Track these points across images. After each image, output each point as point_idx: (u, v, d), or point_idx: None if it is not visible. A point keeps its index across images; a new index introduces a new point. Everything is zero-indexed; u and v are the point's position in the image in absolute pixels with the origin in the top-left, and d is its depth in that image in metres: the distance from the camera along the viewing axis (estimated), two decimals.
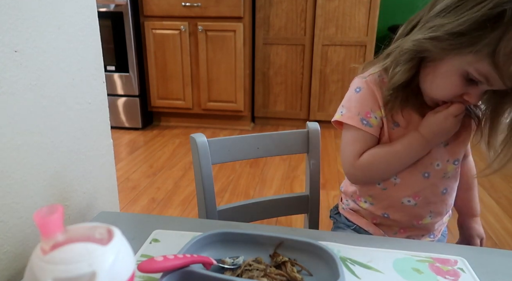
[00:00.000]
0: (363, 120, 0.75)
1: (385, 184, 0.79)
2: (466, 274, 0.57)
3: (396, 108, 0.73)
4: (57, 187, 0.69)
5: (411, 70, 0.67)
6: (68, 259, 0.31)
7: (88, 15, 0.75)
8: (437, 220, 0.83)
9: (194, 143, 0.84)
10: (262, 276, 0.54)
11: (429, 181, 0.77)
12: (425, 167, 0.76)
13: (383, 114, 0.75)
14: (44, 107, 0.64)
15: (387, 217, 0.82)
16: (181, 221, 0.78)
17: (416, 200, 0.78)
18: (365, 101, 0.75)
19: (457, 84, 0.63)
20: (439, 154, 0.75)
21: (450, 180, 0.79)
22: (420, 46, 0.63)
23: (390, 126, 0.75)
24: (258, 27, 2.96)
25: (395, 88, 0.70)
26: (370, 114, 0.75)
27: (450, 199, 0.82)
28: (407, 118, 0.74)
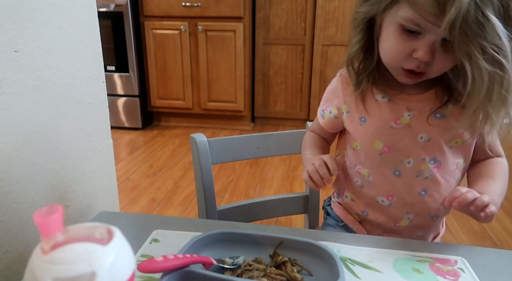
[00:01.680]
0: (322, 111, 0.81)
1: (361, 181, 0.77)
2: (466, 274, 0.57)
3: (366, 94, 0.71)
4: (57, 187, 0.69)
5: (362, 40, 0.67)
6: (68, 259, 0.31)
7: (88, 15, 0.75)
8: (420, 226, 0.77)
9: (194, 143, 0.84)
10: (262, 276, 0.54)
11: (401, 179, 0.73)
12: (395, 165, 0.72)
13: (345, 109, 0.75)
14: (44, 107, 0.64)
15: (366, 215, 0.80)
16: (181, 221, 0.78)
17: (390, 200, 0.75)
18: (329, 94, 0.79)
19: (399, 40, 0.60)
20: (412, 150, 0.70)
21: (429, 183, 0.72)
22: (359, 12, 0.65)
23: (357, 121, 0.74)
24: (258, 27, 2.96)
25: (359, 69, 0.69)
26: (328, 107, 0.79)
27: (432, 203, 0.74)
28: (378, 109, 0.71)
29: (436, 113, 0.68)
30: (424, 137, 0.69)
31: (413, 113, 0.69)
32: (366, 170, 0.76)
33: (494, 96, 0.56)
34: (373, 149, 0.73)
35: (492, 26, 0.51)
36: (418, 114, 0.69)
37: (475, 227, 1.75)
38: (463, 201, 0.58)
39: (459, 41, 0.53)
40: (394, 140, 0.71)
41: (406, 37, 0.59)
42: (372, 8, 0.63)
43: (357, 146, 0.76)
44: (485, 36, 0.51)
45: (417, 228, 0.78)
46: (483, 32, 0.51)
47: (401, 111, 0.69)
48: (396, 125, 0.70)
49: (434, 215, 0.76)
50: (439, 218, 0.78)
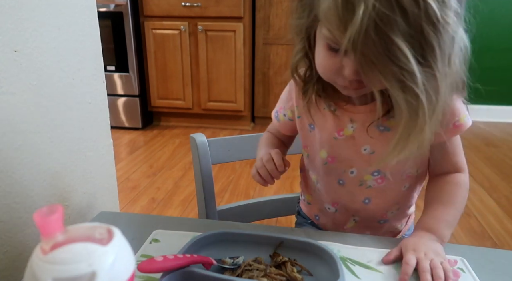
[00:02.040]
0: (276, 113, 0.79)
1: (313, 186, 0.78)
2: (466, 274, 0.57)
3: (312, 102, 0.68)
4: (57, 187, 0.69)
5: (303, 50, 0.63)
6: (68, 259, 0.31)
7: (88, 15, 0.75)
8: (368, 227, 0.76)
9: (194, 143, 0.84)
10: (262, 276, 0.54)
11: (345, 188, 0.72)
12: (339, 175, 0.71)
13: (296, 114, 0.73)
14: (44, 107, 0.64)
15: (318, 220, 0.82)
16: (181, 221, 0.78)
17: (335, 207, 0.75)
18: (284, 97, 0.78)
19: (327, 57, 0.56)
20: (355, 161, 0.69)
21: (373, 191, 0.71)
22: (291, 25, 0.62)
23: (307, 128, 0.72)
24: (258, 27, 2.96)
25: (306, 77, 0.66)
26: (282, 110, 0.77)
27: (377, 210, 0.74)
28: (323, 119, 0.69)
29: (379, 125, 0.64)
30: (368, 149, 0.67)
31: (356, 125, 0.66)
32: (315, 176, 0.76)
33: (415, 127, 0.51)
34: (319, 158, 0.72)
35: (399, 50, 0.46)
36: (361, 126, 0.65)
37: (475, 227, 1.75)
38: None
39: (363, 64, 0.49)
40: (338, 151, 0.69)
41: (332, 54, 0.55)
42: (300, 22, 0.60)
43: (305, 153, 0.76)
44: (393, 60, 0.46)
45: (365, 228, 0.77)
46: (388, 56, 0.46)
47: (344, 123, 0.67)
48: (339, 136, 0.68)
49: (381, 220, 0.76)
50: (388, 223, 0.76)
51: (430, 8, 0.44)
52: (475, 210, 1.89)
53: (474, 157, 2.54)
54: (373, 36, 0.45)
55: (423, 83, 0.48)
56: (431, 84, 0.48)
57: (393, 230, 0.80)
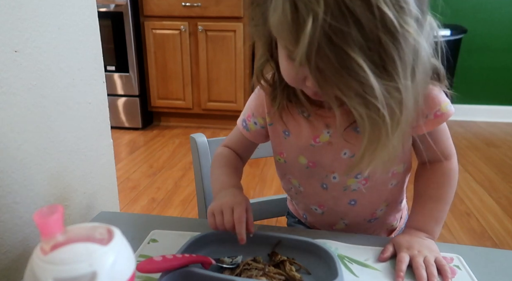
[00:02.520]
0: (243, 122, 0.73)
1: (294, 189, 0.75)
2: (462, 271, 0.57)
3: (284, 108, 0.64)
4: (57, 187, 0.69)
5: (266, 54, 0.60)
6: (68, 259, 0.31)
7: (88, 15, 0.75)
8: (358, 228, 0.75)
9: (194, 143, 0.84)
10: (261, 275, 0.54)
11: (329, 193, 0.70)
12: (321, 179, 0.69)
13: (268, 121, 0.69)
14: (44, 107, 0.65)
15: (305, 218, 0.80)
16: (181, 221, 0.78)
17: (322, 209, 0.74)
18: (252, 103, 0.72)
19: (289, 66, 0.53)
20: (336, 166, 0.66)
21: (358, 194, 0.69)
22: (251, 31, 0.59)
23: (281, 135, 0.69)
24: None
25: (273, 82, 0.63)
26: (251, 118, 0.72)
27: (364, 210, 0.72)
28: (297, 126, 0.66)
29: (355, 127, 0.61)
30: (347, 153, 0.65)
31: (332, 130, 0.64)
32: (296, 180, 0.73)
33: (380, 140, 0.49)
34: (298, 163, 0.69)
35: (356, 64, 0.43)
36: (337, 130, 0.63)
37: (475, 227, 1.75)
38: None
39: (319, 79, 0.46)
40: (317, 157, 0.67)
41: (293, 63, 0.50)
42: (258, 29, 0.57)
43: (279, 160, 0.72)
44: (350, 74, 0.44)
45: (356, 229, 0.75)
46: (345, 70, 0.44)
47: (320, 129, 0.64)
48: (316, 143, 0.65)
49: (371, 219, 0.74)
50: (378, 220, 0.75)
51: (387, 17, 0.42)
52: (475, 210, 1.89)
53: (474, 157, 2.54)
54: (326, 50, 0.43)
55: (384, 96, 0.45)
56: (394, 96, 0.46)
57: (388, 227, 0.79)
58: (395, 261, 0.59)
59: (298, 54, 0.44)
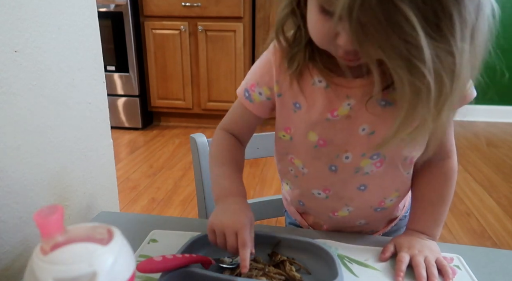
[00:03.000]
0: (246, 92, 0.65)
1: (295, 171, 0.67)
2: (462, 271, 0.57)
3: (299, 75, 0.57)
4: (57, 187, 0.69)
5: (289, 6, 0.53)
6: (68, 259, 0.31)
7: (88, 15, 0.75)
8: (362, 216, 0.69)
9: (194, 143, 0.84)
10: (261, 275, 0.54)
11: (337, 175, 0.63)
12: (331, 160, 0.62)
13: (276, 91, 0.61)
14: (44, 107, 0.65)
15: (302, 205, 0.73)
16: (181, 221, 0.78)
17: (326, 193, 0.66)
18: (258, 70, 0.64)
19: (320, 21, 0.47)
20: (351, 145, 0.60)
21: (370, 178, 0.63)
22: None
23: (291, 107, 0.61)
24: (258, 27, 2.96)
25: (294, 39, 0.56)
26: (255, 87, 0.63)
27: (373, 197, 0.66)
28: (312, 97, 0.59)
29: (381, 100, 0.54)
30: (366, 129, 0.58)
31: (353, 102, 0.56)
32: (299, 161, 0.65)
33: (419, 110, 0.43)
34: (306, 140, 0.62)
35: (404, 19, 0.37)
36: (359, 102, 0.56)
37: (475, 227, 1.75)
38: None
39: (360, 35, 0.40)
40: (331, 133, 0.60)
41: (326, 17, 0.45)
42: None
43: (284, 136, 0.65)
44: (396, 32, 0.38)
45: (359, 218, 0.70)
46: (391, 26, 0.38)
47: (340, 100, 0.57)
48: (333, 117, 0.58)
49: (378, 208, 0.68)
50: (386, 210, 0.69)
51: None
52: (475, 210, 1.89)
53: (474, 157, 2.54)
54: (373, 1, 0.37)
55: (433, 61, 0.39)
56: (446, 63, 0.40)
57: (391, 217, 0.75)
58: (395, 261, 0.59)
59: (338, 6, 0.39)
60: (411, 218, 0.68)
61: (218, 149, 0.69)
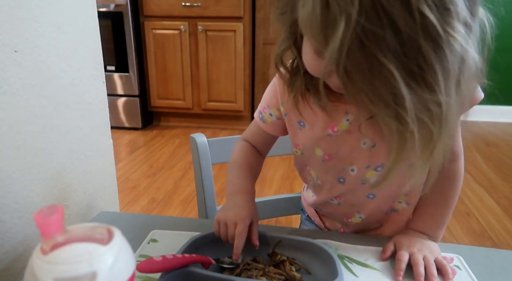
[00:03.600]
0: (260, 114, 0.72)
1: (313, 182, 0.72)
2: (462, 271, 0.57)
3: (300, 97, 0.61)
4: (57, 187, 0.69)
5: (288, 40, 0.56)
6: (68, 259, 0.31)
7: (88, 15, 0.75)
8: (375, 221, 0.72)
9: (194, 143, 0.84)
10: (261, 275, 0.54)
11: (346, 187, 0.67)
12: (338, 173, 0.66)
13: (282, 111, 0.67)
14: (44, 107, 0.65)
15: (319, 210, 0.78)
16: (181, 221, 0.78)
17: (338, 200, 0.71)
18: (267, 95, 0.71)
19: (314, 59, 0.50)
20: (355, 158, 0.63)
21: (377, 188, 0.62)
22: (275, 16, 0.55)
23: (296, 126, 0.66)
24: (258, 27, 2.96)
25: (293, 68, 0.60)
26: (266, 109, 0.70)
27: (383, 203, 0.69)
28: (313, 116, 0.62)
29: None
30: (367, 143, 0.60)
31: (352, 117, 0.59)
32: (314, 172, 0.70)
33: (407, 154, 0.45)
34: (315, 155, 0.66)
35: (388, 72, 0.39)
36: (357, 117, 0.59)
37: (475, 227, 1.75)
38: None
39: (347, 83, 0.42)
40: (334, 148, 0.63)
41: (320, 57, 0.48)
42: (282, 17, 0.54)
43: (296, 152, 0.70)
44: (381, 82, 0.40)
45: (372, 222, 0.73)
46: (375, 77, 0.40)
47: (339, 116, 0.60)
48: (334, 132, 0.61)
49: (389, 210, 0.70)
50: (397, 213, 0.70)
51: (428, 21, 0.37)
52: (475, 210, 1.89)
53: (474, 157, 2.54)
54: (357, 54, 0.39)
55: (418, 110, 0.41)
56: (433, 111, 0.41)
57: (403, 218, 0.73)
58: (395, 261, 0.59)
59: (327, 54, 0.41)
60: (413, 218, 0.69)
61: (237, 155, 0.75)
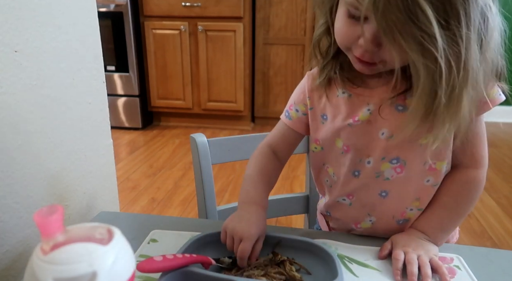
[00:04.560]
0: (286, 112, 0.75)
1: (330, 181, 0.73)
2: (462, 271, 0.57)
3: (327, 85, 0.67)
4: (57, 187, 0.69)
5: (324, 25, 0.64)
6: (68, 259, 0.31)
7: (88, 15, 0.75)
8: (385, 230, 0.69)
9: (194, 143, 0.84)
10: (261, 275, 0.54)
11: (360, 180, 0.67)
12: (354, 165, 0.67)
13: (308, 105, 0.70)
14: (44, 107, 0.65)
15: (329, 215, 0.77)
16: (180, 221, 0.78)
17: (350, 199, 0.70)
18: (294, 94, 0.74)
19: (346, 24, 0.56)
20: (372, 149, 0.64)
21: (391, 184, 0.65)
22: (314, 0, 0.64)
23: (319, 120, 0.69)
24: (258, 27, 2.96)
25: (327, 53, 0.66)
26: (293, 106, 0.74)
27: (395, 205, 0.67)
28: (336, 106, 0.66)
29: (397, 105, 0.60)
30: (385, 133, 0.62)
31: (373, 107, 0.62)
32: (332, 169, 0.71)
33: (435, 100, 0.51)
34: (335, 147, 0.68)
35: (421, 12, 0.46)
36: (377, 108, 0.62)
37: (475, 227, 1.75)
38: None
39: (384, 26, 0.48)
40: (353, 138, 0.65)
41: (352, 21, 0.55)
42: (323, 4, 0.61)
43: (316, 149, 0.72)
44: (414, 22, 0.46)
45: (381, 231, 0.70)
46: (410, 17, 0.46)
47: (360, 106, 0.63)
48: (354, 122, 0.64)
49: (400, 219, 0.68)
50: (409, 222, 0.68)
51: None
52: (475, 210, 1.89)
53: None
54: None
55: (443, 48, 0.47)
56: (453, 50, 0.48)
57: None
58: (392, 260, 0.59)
59: (364, 6, 0.49)
60: (418, 217, 0.67)
61: (255, 162, 0.76)
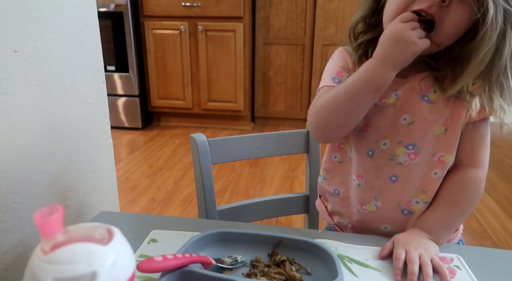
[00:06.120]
0: (335, 78, 0.73)
1: (340, 157, 0.75)
2: (462, 271, 0.57)
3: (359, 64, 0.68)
4: (57, 187, 0.69)
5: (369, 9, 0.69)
6: (68, 259, 0.31)
7: (88, 15, 0.75)
8: (388, 218, 0.71)
9: (194, 143, 0.84)
10: (261, 275, 0.54)
11: (373, 160, 0.69)
12: (370, 144, 0.69)
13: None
14: (44, 107, 0.65)
15: (337, 194, 0.77)
16: (181, 221, 0.78)
17: (359, 181, 0.72)
18: (336, 63, 0.75)
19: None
20: (390, 132, 0.68)
21: (402, 169, 0.68)
22: None
23: None
24: (258, 27, 2.96)
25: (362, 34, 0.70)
26: (342, 73, 0.73)
27: (402, 192, 0.69)
28: None
29: (424, 96, 0.65)
30: (407, 119, 0.66)
31: (400, 93, 0.66)
32: (348, 145, 0.73)
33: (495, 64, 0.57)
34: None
35: None
36: (405, 94, 0.66)
37: (475, 227, 1.75)
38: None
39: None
40: (376, 118, 0.68)
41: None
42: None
43: None
44: None
45: (385, 219, 0.72)
46: None
47: (389, 92, 0.66)
48: (381, 103, 0.67)
49: (405, 209, 0.70)
50: (413, 216, 0.69)
51: None
52: (475, 210, 1.89)
53: None
54: None
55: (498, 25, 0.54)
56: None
57: None
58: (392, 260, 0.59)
59: None
60: (421, 215, 0.68)
61: (329, 92, 0.69)
